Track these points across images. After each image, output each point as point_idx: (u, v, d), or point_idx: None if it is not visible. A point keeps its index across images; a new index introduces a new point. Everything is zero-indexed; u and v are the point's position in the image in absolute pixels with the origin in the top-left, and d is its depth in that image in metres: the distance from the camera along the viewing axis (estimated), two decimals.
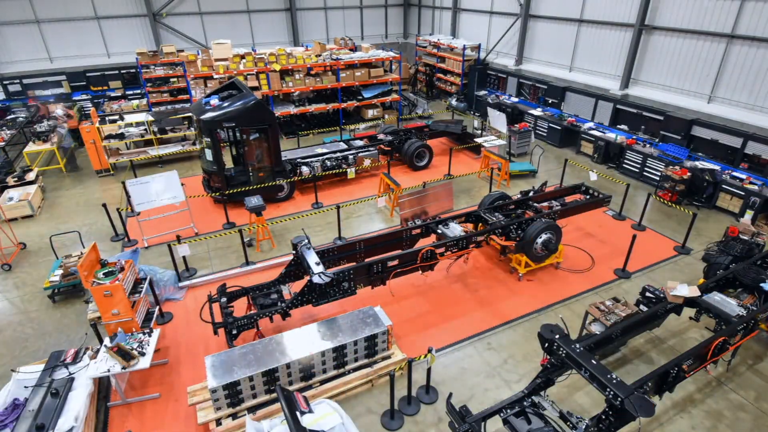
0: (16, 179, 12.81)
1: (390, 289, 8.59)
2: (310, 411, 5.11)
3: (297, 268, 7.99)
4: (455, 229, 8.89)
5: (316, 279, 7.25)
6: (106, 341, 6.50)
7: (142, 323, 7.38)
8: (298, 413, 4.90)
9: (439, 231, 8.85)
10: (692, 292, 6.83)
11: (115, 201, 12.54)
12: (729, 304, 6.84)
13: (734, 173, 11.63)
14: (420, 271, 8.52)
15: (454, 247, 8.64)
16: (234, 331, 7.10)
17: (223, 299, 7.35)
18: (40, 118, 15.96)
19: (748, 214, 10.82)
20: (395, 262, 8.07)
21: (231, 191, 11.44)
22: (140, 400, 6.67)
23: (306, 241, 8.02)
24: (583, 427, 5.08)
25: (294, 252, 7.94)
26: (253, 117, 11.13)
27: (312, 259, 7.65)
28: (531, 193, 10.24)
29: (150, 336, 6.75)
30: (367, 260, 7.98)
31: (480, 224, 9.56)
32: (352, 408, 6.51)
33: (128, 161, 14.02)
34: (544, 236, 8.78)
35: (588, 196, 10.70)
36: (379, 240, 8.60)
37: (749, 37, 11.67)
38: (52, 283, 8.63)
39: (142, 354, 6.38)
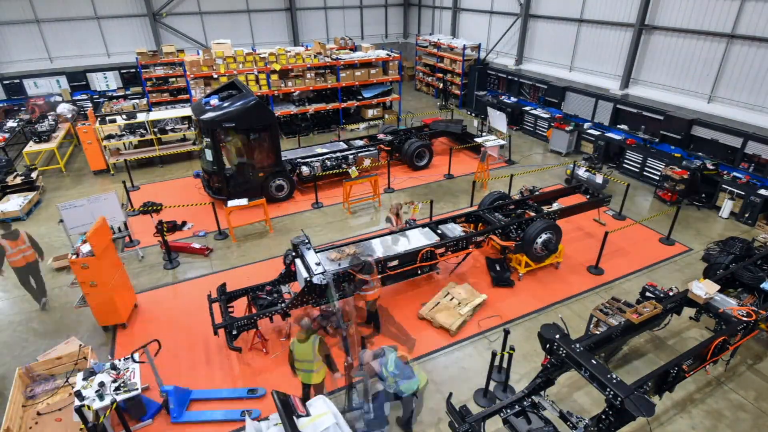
0: (23, 177, 12.85)
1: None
2: (307, 414, 5.11)
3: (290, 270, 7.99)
4: (455, 230, 8.89)
5: (316, 279, 7.25)
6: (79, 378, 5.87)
7: None
8: (294, 417, 4.89)
9: (439, 231, 8.85)
10: (710, 289, 6.85)
11: None
12: (729, 304, 6.84)
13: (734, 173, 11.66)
14: (419, 272, 8.53)
15: (454, 247, 8.64)
16: (234, 332, 7.10)
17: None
18: (41, 117, 15.95)
19: (730, 204, 10.90)
20: (395, 262, 8.07)
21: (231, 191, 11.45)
22: None
23: (306, 241, 8.03)
24: (583, 426, 5.08)
25: (294, 253, 7.93)
26: (253, 117, 11.12)
27: (312, 259, 7.65)
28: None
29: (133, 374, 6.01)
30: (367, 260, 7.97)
31: (480, 224, 9.56)
32: None
33: (123, 161, 13.98)
34: (544, 236, 8.78)
35: (588, 197, 10.72)
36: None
37: (749, 37, 11.66)
38: None
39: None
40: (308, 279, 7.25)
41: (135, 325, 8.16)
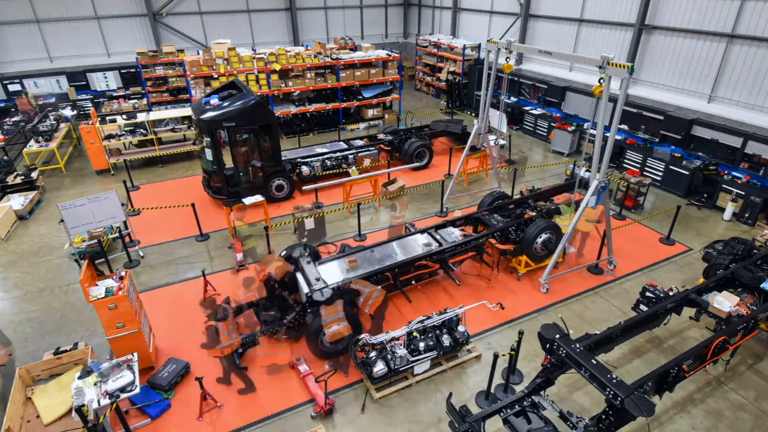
0: (23, 177, 12.86)
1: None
2: None
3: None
4: (453, 234, 8.83)
5: (316, 296, 7.13)
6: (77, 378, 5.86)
7: None
8: None
9: (437, 236, 8.80)
10: (733, 301, 6.89)
11: None
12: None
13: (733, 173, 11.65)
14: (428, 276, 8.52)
15: (452, 252, 8.56)
16: (240, 350, 7.01)
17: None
18: (43, 116, 15.95)
19: (732, 207, 10.89)
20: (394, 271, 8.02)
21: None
22: None
23: (306, 253, 7.92)
24: (583, 426, 5.08)
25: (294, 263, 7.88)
26: (253, 117, 11.12)
27: (312, 273, 7.52)
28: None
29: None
30: (366, 272, 7.86)
31: (480, 226, 9.53)
32: None
33: (123, 161, 13.97)
34: (544, 236, 8.77)
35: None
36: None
37: (749, 37, 11.67)
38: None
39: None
40: (309, 294, 7.16)
41: None
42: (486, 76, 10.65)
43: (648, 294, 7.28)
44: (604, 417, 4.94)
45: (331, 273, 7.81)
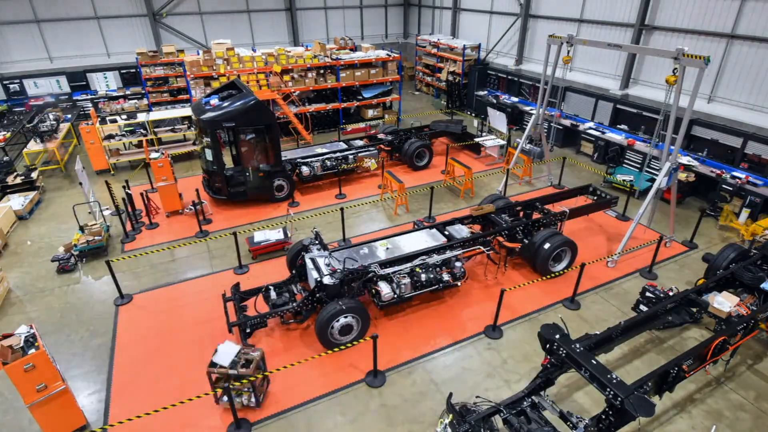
0: (23, 177, 12.85)
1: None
2: None
3: (302, 269, 8.08)
4: (462, 231, 8.91)
5: (326, 280, 7.28)
6: None
7: None
8: None
9: (446, 233, 8.86)
10: (732, 301, 6.89)
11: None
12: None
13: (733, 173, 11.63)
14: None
15: (462, 248, 8.61)
16: (248, 330, 7.18)
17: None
18: (42, 117, 15.94)
19: (745, 213, 10.84)
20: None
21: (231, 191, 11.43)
22: None
23: (317, 241, 8.06)
24: (583, 427, 5.08)
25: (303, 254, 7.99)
26: (253, 117, 11.12)
27: (322, 259, 7.67)
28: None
29: None
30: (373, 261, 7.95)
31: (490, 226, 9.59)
32: None
33: (127, 161, 13.98)
34: (556, 251, 8.83)
35: (595, 198, 10.75)
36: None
37: (749, 37, 11.67)
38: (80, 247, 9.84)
39: None
40: (319, 279, 7.29)
41: (137, 323, 8.16)
42: (544, 70, 11.44)
43: (648, 294, 7.28)
44: (604, 417, 4.94)
45: (341, 261, 7.91)
